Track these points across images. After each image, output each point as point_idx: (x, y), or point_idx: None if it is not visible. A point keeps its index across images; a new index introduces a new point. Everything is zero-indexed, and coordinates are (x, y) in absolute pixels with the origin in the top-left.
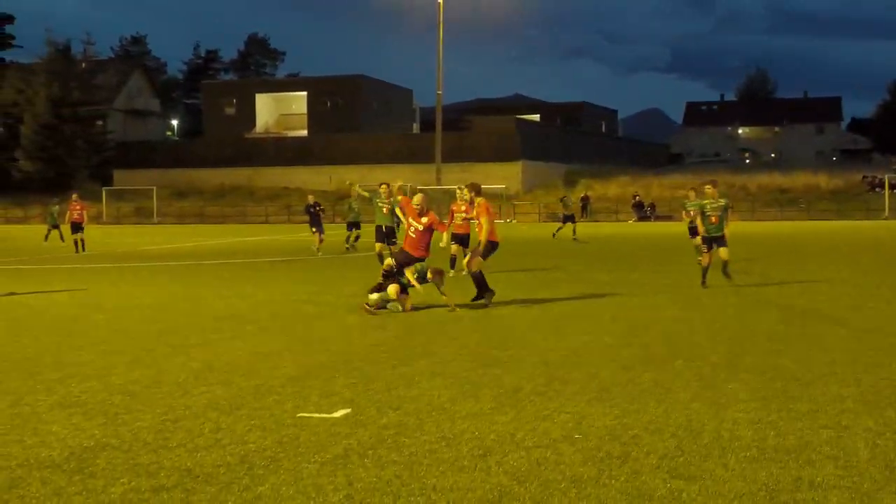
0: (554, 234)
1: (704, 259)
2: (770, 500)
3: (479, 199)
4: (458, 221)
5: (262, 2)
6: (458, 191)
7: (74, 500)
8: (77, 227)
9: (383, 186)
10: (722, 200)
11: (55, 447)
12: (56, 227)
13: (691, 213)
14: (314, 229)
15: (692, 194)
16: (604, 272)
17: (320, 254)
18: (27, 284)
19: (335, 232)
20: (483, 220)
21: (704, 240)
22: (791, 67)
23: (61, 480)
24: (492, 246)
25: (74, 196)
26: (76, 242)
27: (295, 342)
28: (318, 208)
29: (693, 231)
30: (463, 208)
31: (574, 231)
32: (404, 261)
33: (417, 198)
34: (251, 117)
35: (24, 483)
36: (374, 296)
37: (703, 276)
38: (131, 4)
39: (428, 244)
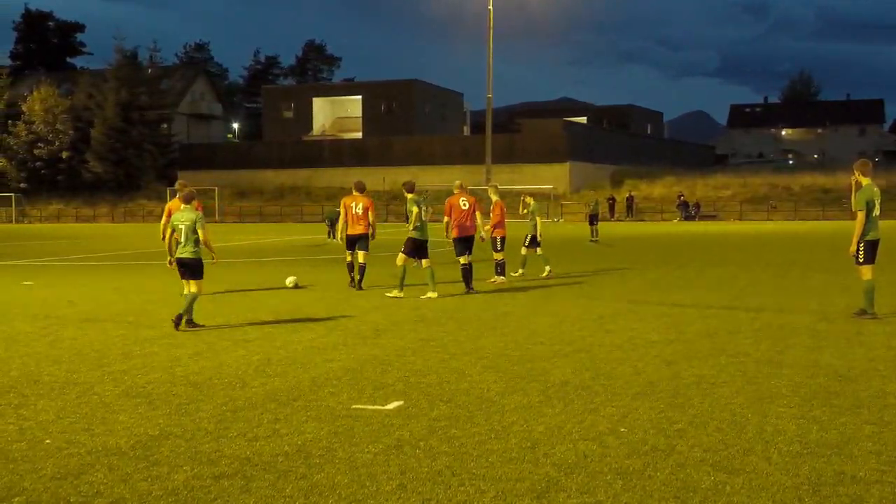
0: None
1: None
2: (813, 494)
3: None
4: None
5: (319, 10)
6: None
7: (140, 486)
8: None
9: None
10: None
11: (122, 436)
12: (333, 225)
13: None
14: None
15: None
16: (649, 270)
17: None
18: (99, 280)
19: (385, 230)
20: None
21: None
22: (835, 71)
23: (127, 467)
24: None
25: None
26: None
27: (349, 336)
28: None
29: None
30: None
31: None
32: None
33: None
34: (309, 120)
35: (92, 469)
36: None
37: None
38: (195, 14)
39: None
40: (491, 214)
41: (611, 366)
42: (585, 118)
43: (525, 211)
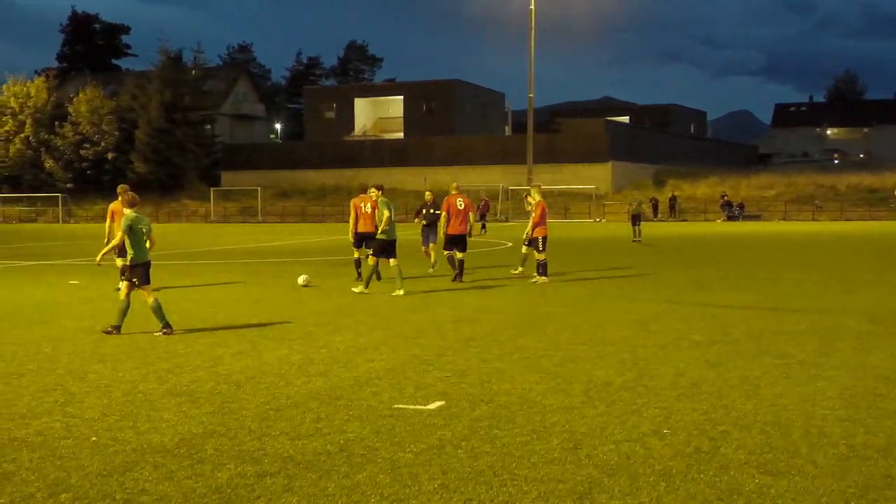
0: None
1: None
2: (860, 498)
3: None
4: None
5: (361, 11)
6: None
7: (184, 483)
8: None
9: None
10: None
11: (166, 433)
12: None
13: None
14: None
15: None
16: (692, 271)
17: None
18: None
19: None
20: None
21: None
22: (881, 69)
23: (172, 465)
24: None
25: None
26: None
27: (391, 336)
28: (431, 210)
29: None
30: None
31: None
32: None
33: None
34: (350, 121)
35: (137, 467)
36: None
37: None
38: (238, 16)
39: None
40: (533, 214)
41: (654, 366)
42: (627, 118)
43: (529, 208)
